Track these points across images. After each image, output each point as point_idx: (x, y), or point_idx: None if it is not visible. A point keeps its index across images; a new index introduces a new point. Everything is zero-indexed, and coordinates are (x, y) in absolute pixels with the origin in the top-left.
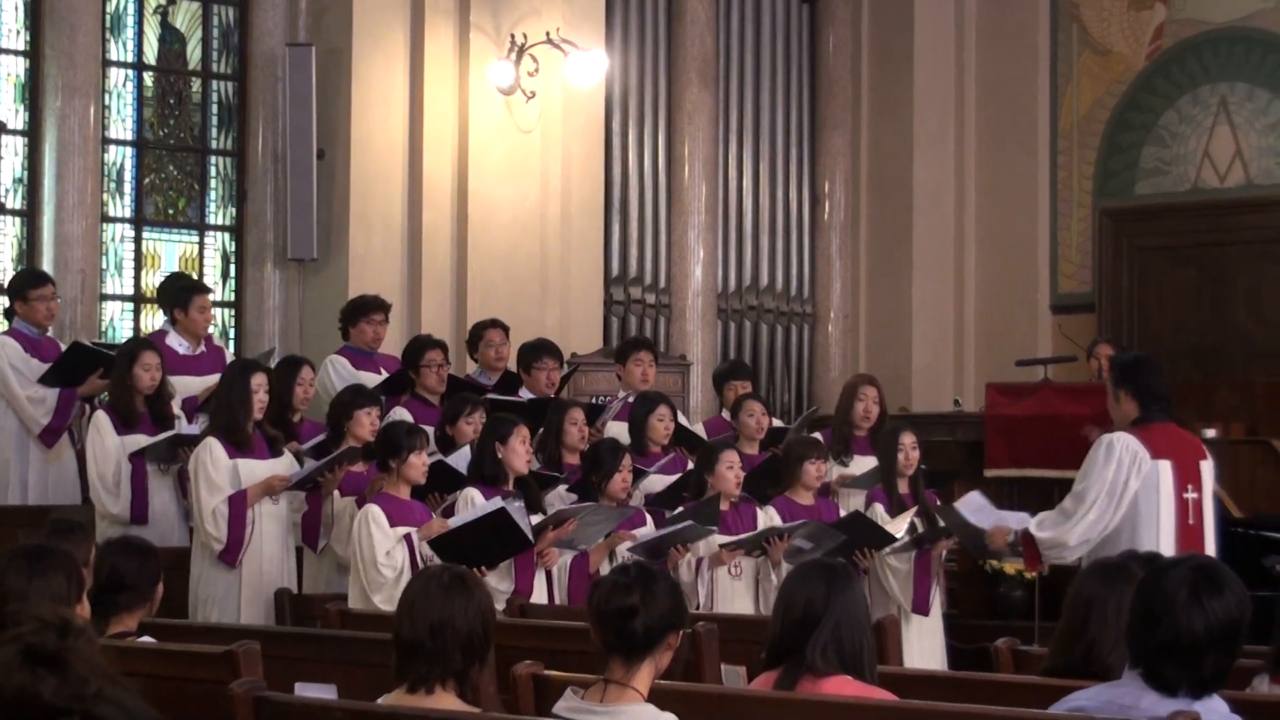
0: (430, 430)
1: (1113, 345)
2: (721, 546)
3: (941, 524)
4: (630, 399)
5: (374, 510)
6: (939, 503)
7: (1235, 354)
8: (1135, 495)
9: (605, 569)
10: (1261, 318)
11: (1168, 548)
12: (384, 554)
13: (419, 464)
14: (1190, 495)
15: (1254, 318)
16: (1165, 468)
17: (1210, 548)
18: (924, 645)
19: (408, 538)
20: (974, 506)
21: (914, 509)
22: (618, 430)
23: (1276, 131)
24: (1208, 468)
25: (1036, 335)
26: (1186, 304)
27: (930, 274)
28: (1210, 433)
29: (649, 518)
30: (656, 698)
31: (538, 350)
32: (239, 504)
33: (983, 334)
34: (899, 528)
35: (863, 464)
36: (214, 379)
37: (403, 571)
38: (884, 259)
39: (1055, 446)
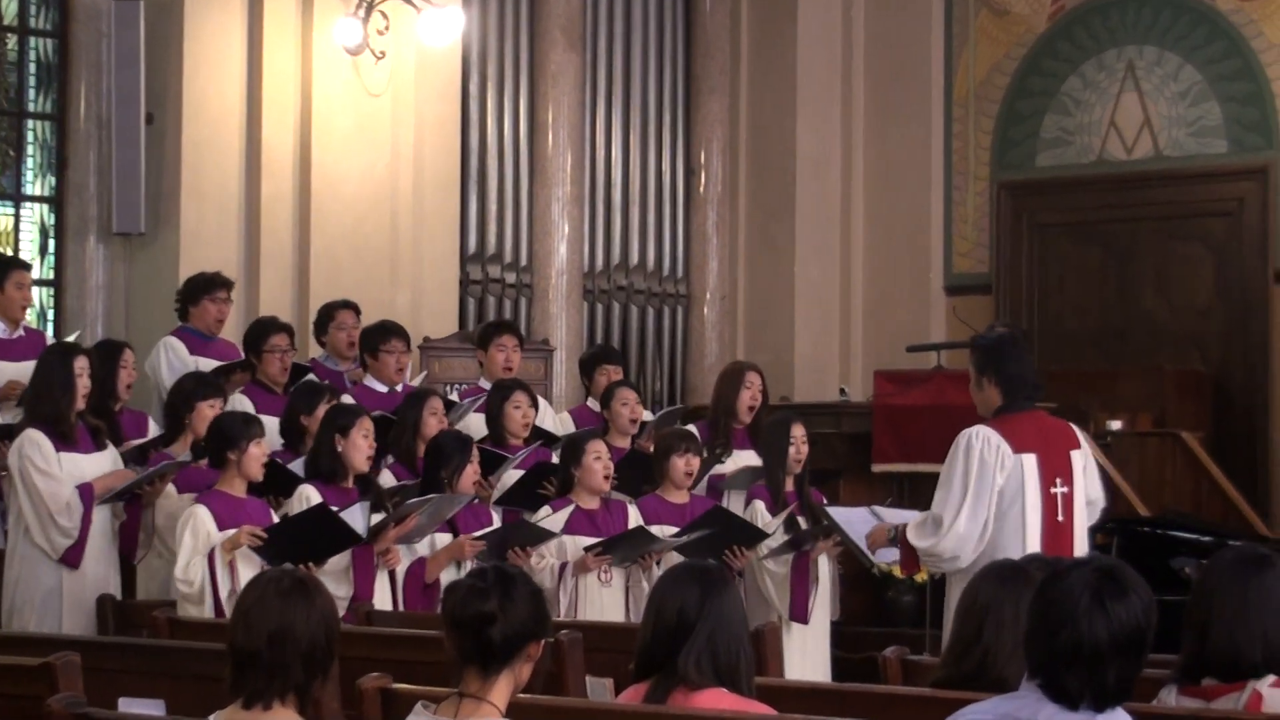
0: (275, 422)
1: (1010, 328)
2: (587, 550)
3: (824, 523)
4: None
5: (198, 513)
6: (825, 502)
7: (1142, 339)
8: (1001, 493)
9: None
10: (1171, 300)
11: (1034, 548)
12: (181, 567)
13: (258, 456)
14: (1059, 490)
15: (1163, 300)
16: (1029, 463)
17: (1080, 544)
18: (806, 655)
19: (211, 553)
20: (855, 518)
21: (791, 507)
22: (478, 423)
23: (1188, 99)
24: (1080, 457)
25: (929, 319)
26: (1090, 285)
27: (814, 252)
28: (1115, 424)
29: (496, 517)
30: (515, 713)
31: (384, 333)
32: (89, 497)
33: (871, 317)
34: (776, 527)
35: (740, 460)
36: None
37: (202, 590)
38: (764, 236)
39: (949, 439)
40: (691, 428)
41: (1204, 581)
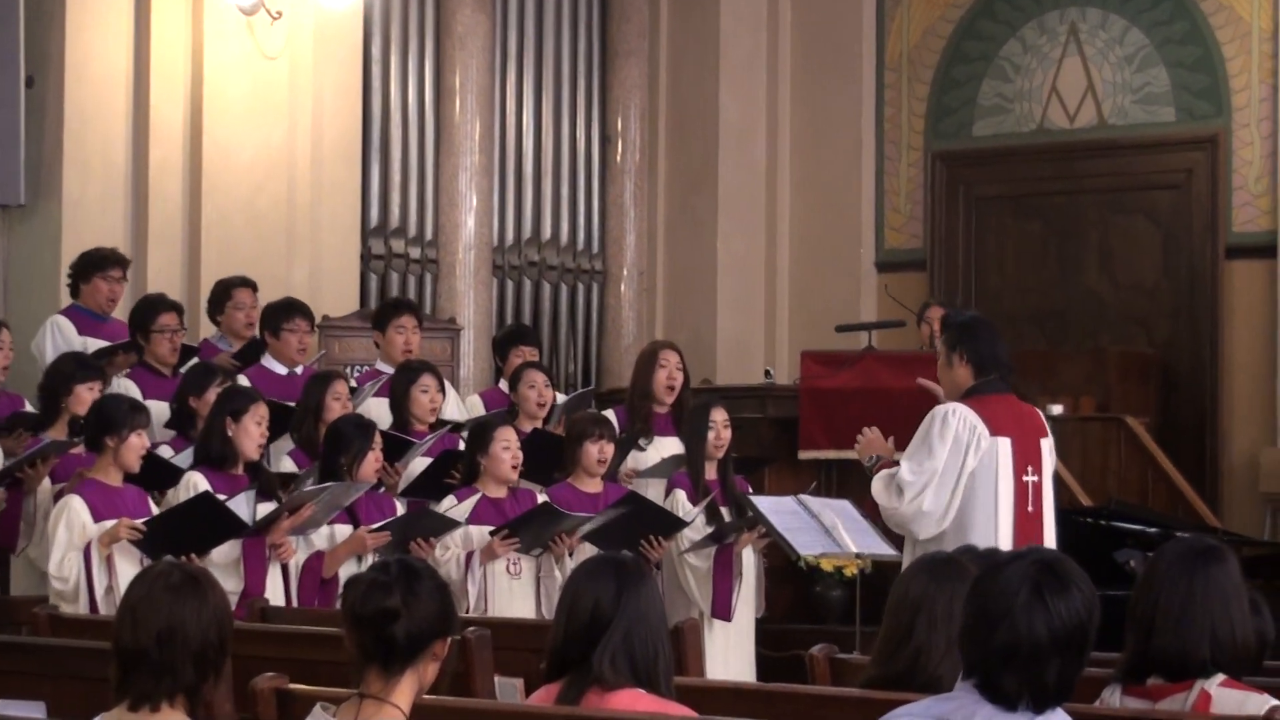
0: (163, 407)
1: (945, 308)
2: (493, 534)
3: (748, 514)
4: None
5: (73, 504)
6: (750, 491)
7: (1085, 319)
8: (973, 476)
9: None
10: (1115, 278)
11: (1005, 537)
12: (55, 563)
13: (137, 446)
14: (1030, 478)
15: (1106, 277)
16: (1004, 446)
17: (1050, 538)
18: (729, 653)
19: (87, 548)
20: (781, 508)
21: (712, 496)
22: (378, 409)
23: (1134, 64)
24: (1048, 447)
25: (859, 297)
26: (1030, 261)
27: (737, 226)
28: (1056, 409)
29: (401, 507)
30: (420, 715)
31: (287, 310)
32: None
33: (797, 295)
34: (698, 516)
35: (663, 447)
36: None
37: (78, 587)
38: (685, 208)
39: (880, 424)
40: (610, 413)
41: (1149, 575)
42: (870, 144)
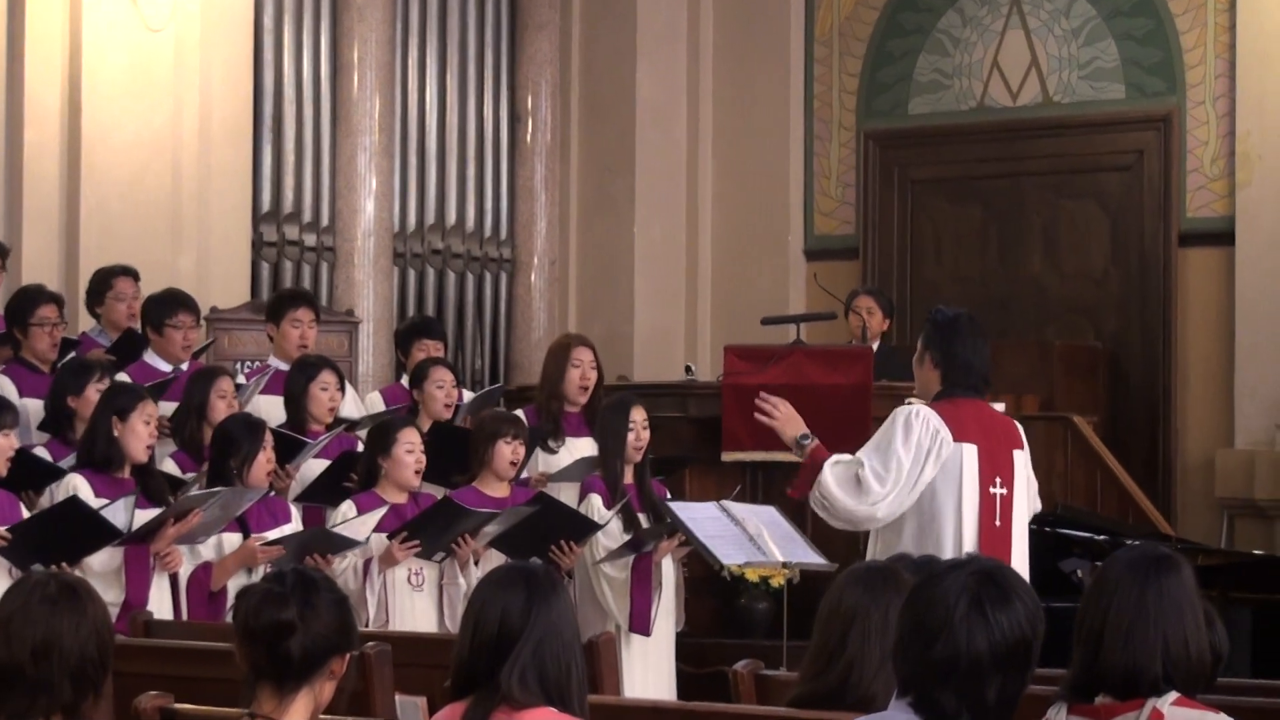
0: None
1: (876, 298)
2: (391, 537)
3: (667, 520)
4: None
5: None
6: (669, 496)
7: (1028, 310)
8: (933, 483)
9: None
10: (1060, 266)
11: (969, 551)
12: None
13: (4, 448)
14: (998, 490)
15: (1051, 266)
16: (968, 453)
17: (1019, 557)
18: (648, 669)
19: None
20: (703, 514)
21: (628, 500)
22: (268, 407)
23: (1080, 38)
24: (1023, 460)
25: (787, 287)
26: (969, 248)
27: (657, 211)
28: (997, 407)
29: (296, 512)
30: None
31: (172, 304)
32: None
33: (721, 285)
34: (614, 523)
35: (575, 448)
36: None
37: None
38: (600, 192)
39: (809, 423)
40: (520, 413)
41: (1098, 586)
42: (799, 123)
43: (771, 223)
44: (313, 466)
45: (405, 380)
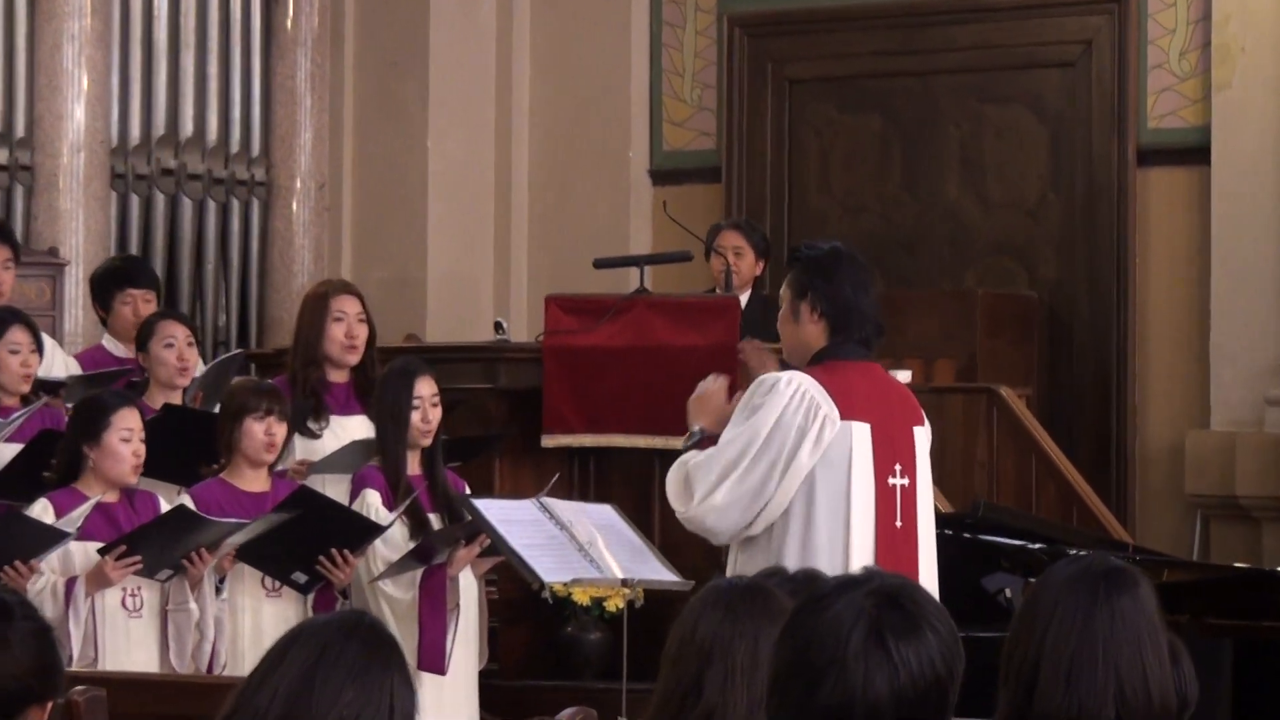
0: None
1: (745, 234)
2: (103, 552)
3: (468, 521)
4: None
5: None
6: (468, 491)
7: (941, 249)
8: (811, 474)
9: None
10: (983, 193)
11: (862, 561)
12: None
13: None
14: (898, 481)
15: (971, 192)
16: (860, 434)
17: (928, 565)
18: (442, 717)
19: None
20: (517, 514)
21: (415, 495)
22: None
23: None
24: (924, 438)
25: (628, 219)
26: (866, 170)
27: (458, 122)
28: (902, 375)
29: None
30: None
31: None
32: None
33: (541, 217)
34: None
35: (345, 430)
36: None
37: None
38: (384, 96)
39: (660, 397)
40: (273, 382)
41: (1031, 609)
42: (641, 6)
43: (607, 135)
44: (3, 453)
45: (107, 340)
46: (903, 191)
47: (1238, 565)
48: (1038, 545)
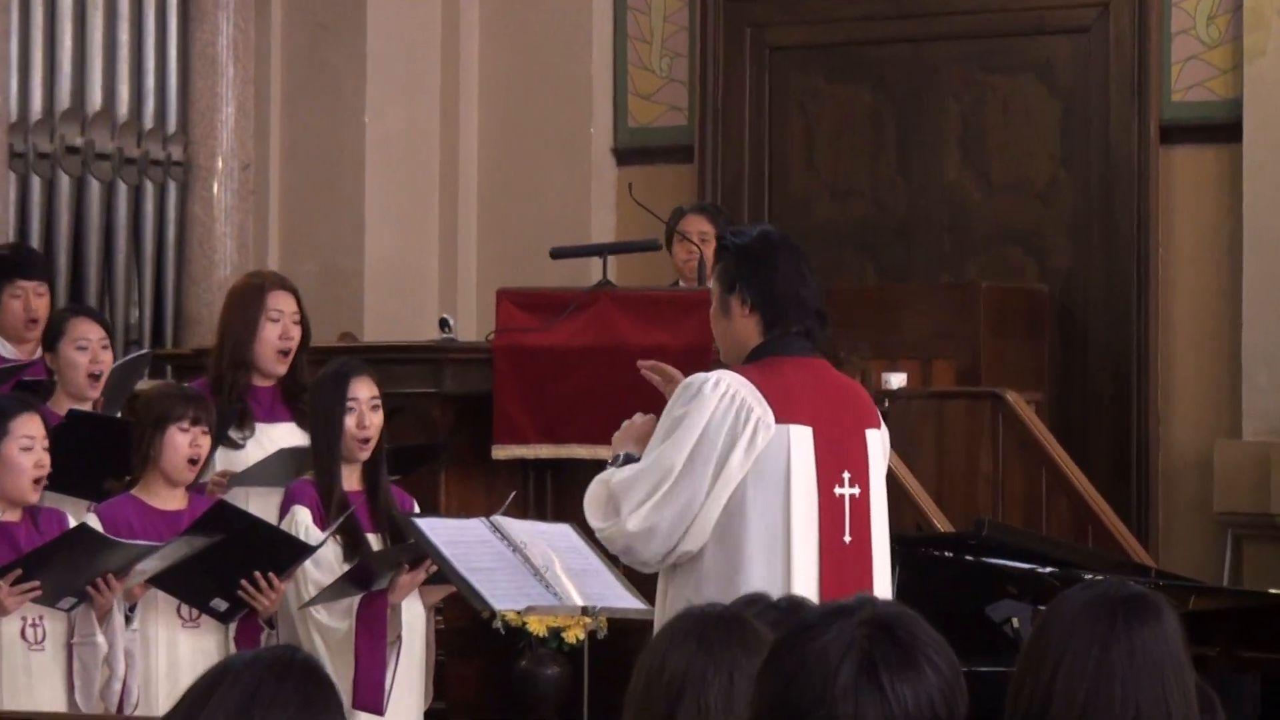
0: None
1: (711, 218)
2: None
3: (410, 542)
4: None
5: None
6: (414, 508)
7: (940, 237)
8: (742, 486)
9: None
10: (987, 174)
11: (804, 583)
12: None
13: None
14: (847, 490)
15: (974, 173)
16: (799, 438)
17: (882, 586)
18: None
19: None
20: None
21: (351, 512)
22: None
23: None
24: (879, 442)
25: (588, 203)
26: (856, 149)
27: (398, 93)
28: (896, 379)
29: None
30: None
31: None
32: None
33: (493, 202)
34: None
35: (272, 439)
36: None
37: None
38: (315, 65)
39: (618, 405)
40: (193, 386)
41: (1042, 640)
42: None
43: (566, 111)
44: None
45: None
46: (897, 173)
47: (1273, 591)
48: (1048, 569)
